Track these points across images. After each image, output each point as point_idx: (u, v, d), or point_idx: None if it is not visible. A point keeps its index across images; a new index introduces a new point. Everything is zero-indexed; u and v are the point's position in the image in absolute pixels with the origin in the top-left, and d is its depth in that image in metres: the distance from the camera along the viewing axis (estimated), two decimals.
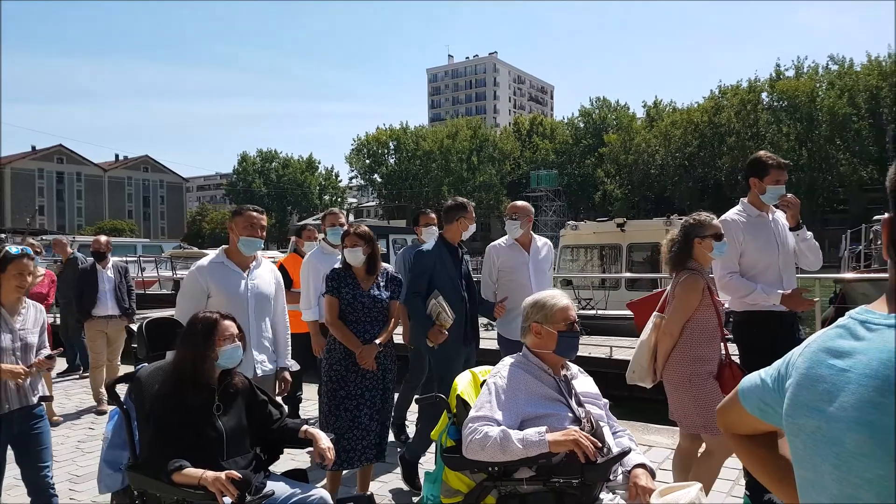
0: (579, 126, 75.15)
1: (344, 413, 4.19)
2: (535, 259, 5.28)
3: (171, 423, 2.87)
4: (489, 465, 2.71)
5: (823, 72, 58.05)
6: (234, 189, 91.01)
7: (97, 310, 7.59)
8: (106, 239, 8.03)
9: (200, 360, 2.98)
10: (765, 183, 4.28)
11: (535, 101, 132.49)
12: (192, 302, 3.92)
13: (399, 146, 76.81)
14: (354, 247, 4.27)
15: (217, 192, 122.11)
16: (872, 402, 0.97)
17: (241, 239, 4.05)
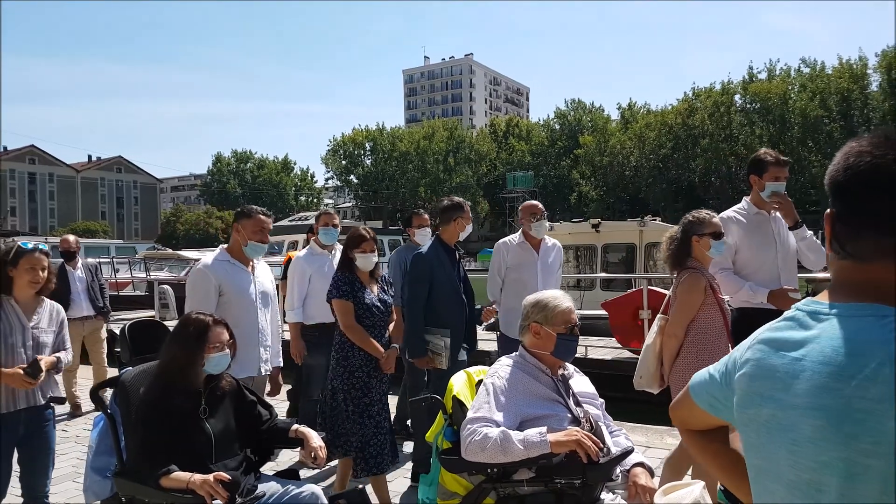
0: (555, 128, 75.52)
1: (368, 420, 4.12)
2: (543, 259, 5.24)
3: (158, 428, 2.81)
4: (488, 466, 2.67)
5: (795, 74, 58.81)
6: (208, 190, 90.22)
7: (71, 312, 7.19)
8: (75, 238, 7.82)
9: (189, 362, 2.94)
10: (764, 180, 4.30)
11: (510, 102, 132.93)
12: (204, 301, 3.87)
13: (375, 147, 76.62)
14: (372, 252, 4.22)
15: (191, 193, 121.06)
16: (826, 388, 1.01)
17: (250, 244, 4.04)
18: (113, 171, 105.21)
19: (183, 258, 24.43)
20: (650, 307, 8.35)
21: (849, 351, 1.01)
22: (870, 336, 1.01)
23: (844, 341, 1.03)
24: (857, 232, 1.08)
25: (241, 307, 3.99)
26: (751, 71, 60.82)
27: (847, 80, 53.86)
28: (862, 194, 1.06)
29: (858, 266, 1.08)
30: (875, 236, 1.05)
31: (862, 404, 0.97)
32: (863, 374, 0.98)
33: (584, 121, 73.06)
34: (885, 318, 1.01)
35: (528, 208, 5.33)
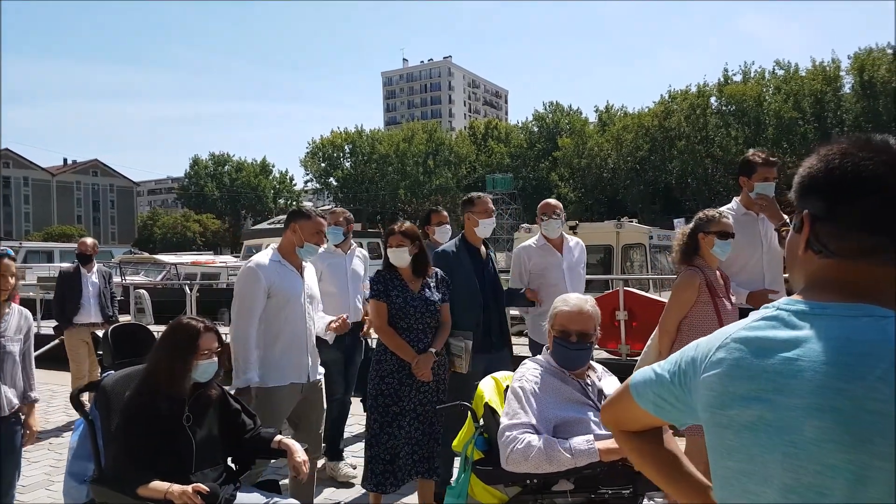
0: (533, 130, 75.71)
1: (398, 431, 3.85)
2: (568, 260, 5.04)
3: (138, 434, 2.74)
4: (528, 477, 2.56)
5: (770, 76, 59.39)
6: (185, 193, 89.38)
7: (80, 317, 7.12)
8: (93, 241, 7.57)
9: (178, 369, 2.86)
10: (753, 181, 4.37)
11: (489, 105, 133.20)
12: (252, 302, 3.72)
13: (354, 149, 76.36)
14: (400, 246, 3.94)
15: (168, 196, 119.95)
16: (835, 389, 0.99)
17: (307, 245, 3.87)
18: (89, 175, 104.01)
19: (159, 262, 24.24)
20: (626, 308, 8.47)
21: (855, 351, 1.00)
22: (874, 337, 1.00)
23: (847, 341, 1.01)
24: (841, 232, 1.08)
25: (289, 311, 3.83)
26: (726, 73, 61.34)
27: (820, 82, 54.52)
28: (848, 195, 1.07)
29: (843, 265, 1.09)
30: (859, 236, 1.07)
31: (875, 406, 0.95)
32: (874, 374, 0.96)
33: (563, 123, 73.31)
34: (885, 318, 1.02)
35: (541, 207, 5.15)
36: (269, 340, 3.80)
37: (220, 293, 18.11)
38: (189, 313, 12.70)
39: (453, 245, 4.66)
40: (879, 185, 1.05)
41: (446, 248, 4.64)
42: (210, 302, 16.33)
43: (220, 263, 23.87)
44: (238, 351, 3.72)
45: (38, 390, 3.91)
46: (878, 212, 1.05)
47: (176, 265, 22.28)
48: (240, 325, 3.73)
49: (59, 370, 9.69)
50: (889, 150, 1.07)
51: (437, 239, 5.61)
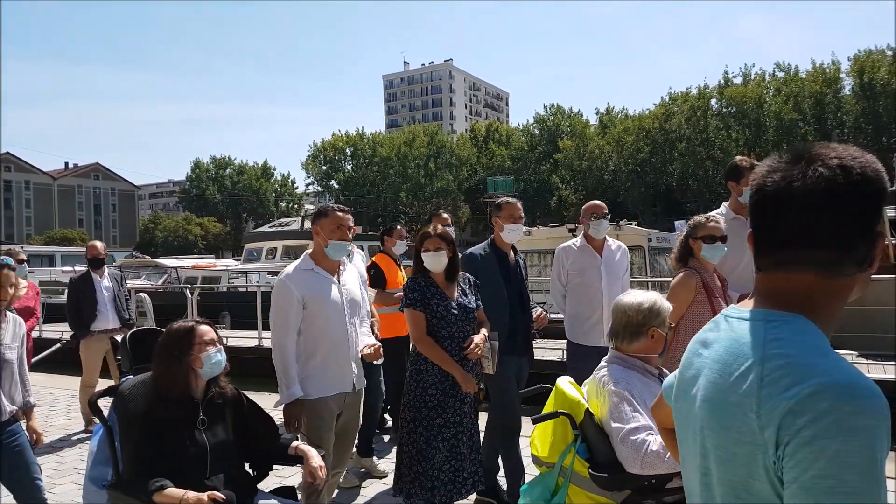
0: (534, 133, 75.75)
1: (442, 444, 3.68)
2: (607, 262, 5.01)
3: (152, 439, 2.71)
4: (645, 478, 2.57)
5: (770, 78, 59.49)
6: (187, 196, 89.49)
7: (97, 324, 6.83)
8: (102, 245, 7.30)
9: (179, 369, 2.81)
10: (741, 185, 4.44)
11: (490, 107, 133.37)
12: (288, 315, 3.61)
13: (356, 152, 76.44)
14: (438, 250, 3.76)
15: (170, 200, 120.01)
16: (714, 383, 1.14)
17: (331, 243, 3.71)
18: (90, 178, 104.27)
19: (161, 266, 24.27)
20: None
21: (734, 350, 1.12)
22: (753, 338, 1.10)
23: (733, 342, 1.13)
24: (759, 247, 1.17)
25: (326, 319, 3.70)
26: (726, 75, 61.47)
27: (820, 83, 54.61)
28: (766, 211, 1.14)
29: (765, 277, 1.17)
30: (771, 251, 1.14)
31: (733, 398, 1.08)
32: (739, 371, 1.08)
33: (563, 126, 73.35)
34: (770, 322, 1.10)
35: (588, 208, 5.12)
36: (309, 351, 3.70)
37: (221, 297, 18.18)
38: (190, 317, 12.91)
39: (482, 248, 4.61)
40: (782, 201, 1.09)
41: (475, 252, 4.59)
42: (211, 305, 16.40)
43: (221, 267, 23.92)
44: (279, 366, 3.64)
45: (40, 394, 3.94)
46: (784, 228, 1.10)
47: (177, 269, 22.32)
48: (277, 340, 3.65)
49: (61, 374, 9.74)
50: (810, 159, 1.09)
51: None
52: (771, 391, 1.02)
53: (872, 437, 0.94)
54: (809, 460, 0.95)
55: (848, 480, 0.93)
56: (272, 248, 23.04)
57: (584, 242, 5.08)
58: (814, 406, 0.96)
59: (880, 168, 1.10)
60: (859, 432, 0.94)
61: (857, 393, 0.97)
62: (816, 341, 1.06)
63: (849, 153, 1.09)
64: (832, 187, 1.06)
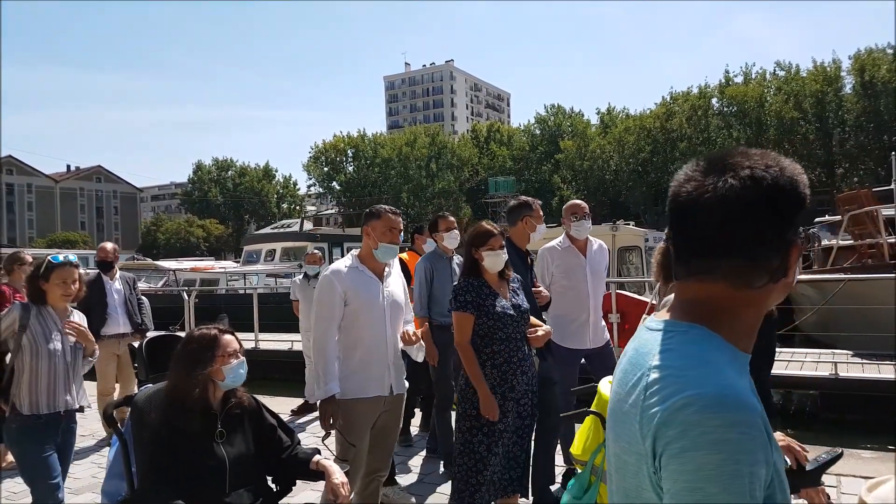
0: (535, 133, 75.71)
1: (500, 449, 3.63)
2: (592, 263, 4.97)
3: (167, 453, 2.59)
4: None
5: (771, 77, 59.34)
6: (189, 199, 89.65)
7: (107, 328, 6.63)
8: (113, 247, 7.14)
9: (199, 381, 2.69)
10: None
11: (491, 108, 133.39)
12: (329, 309, 3.61)
13: (357, 154, 76.48)
14: (502, 248, 3.70)
15: (172, 202, 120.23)
16: (616, 393, 1.16)
17: (381, 246, 3.69)
18: (92, 181, 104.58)
19: (160, 268, 24.30)
20: (619, 311, 8.53)
21: (633, 361, 1.13)
22: (649, 348, 1.10)
23: (636, 352, 1.14)
24: (676, 256, 1.16)
25: (367, 319, 3.68)
26: (727, 75, 61.30)
27: (821, 82, 54.42)
28: (680, 220, 1.13)
29: (680, 286, 1.17)
30: (686, 259, 1.14)
31: (626, 408, 1.09)
32: (632, 381, 1.09)
33: (564, 126, 73.31)
34: (668, 332, 1.11)
35: (569, 208, 5.05)
36: (347, 349, 3.69)
37: (220, 299, 18.18)
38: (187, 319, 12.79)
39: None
40: (694, 212, 1.09)
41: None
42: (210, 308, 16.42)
43: (220, 269, 23.92)
44: (318, 360, 3.63)
45: None
46: (694, 237, 1.11)
47: (175, 272, 22.34)
48: (318, 333, 3.66)
49: None
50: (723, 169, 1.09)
51: (447, 246, 5.58)
52: (650, 402, 1.02)
53: (738, 450, 0.94)
54: (678, 472, 0.96)
55: (713, 493, 0.93)
56: (271, 250, 23.05)
57: (569, 243, 5.01)
58: (683, 418, 0.97)
59: (796, 177, 1.09)
60: (725, 445, 0.94)
61: (724, 405, 0.96)
62: (704, 352, 1.06)
63: (764, 162, 1.08)
64: (741, 198, 1.05)
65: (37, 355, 3.70)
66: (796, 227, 1.09)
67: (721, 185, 1.06)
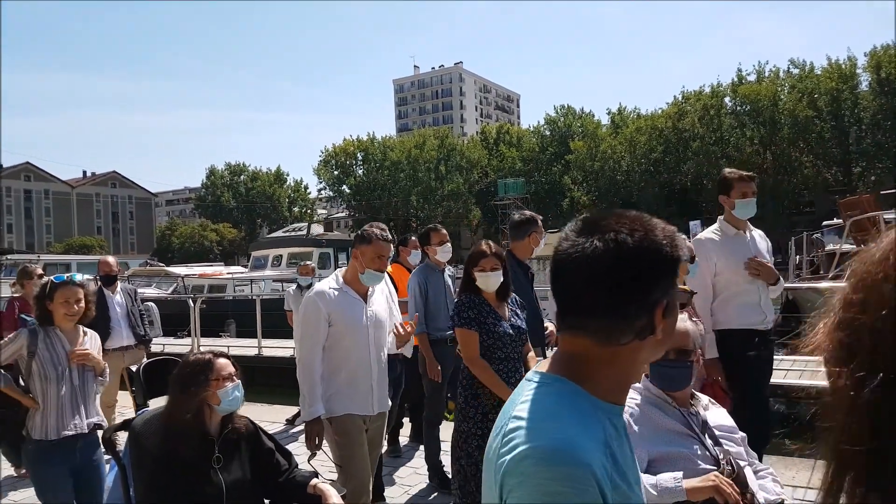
0: (545, 134, 75.49)
1: None
2: None
3: (164, 479, 2.59)
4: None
5: (784, 76, 58.80)
6: (202, 203, 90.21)
7: (111, 342, 6.52)
8: (115, 260, 7.17)
9: (195, 406, 2.69)
10: (732, 198, 4.31)
11: (501, 109, 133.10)
12: (314, 330, 3.64)
13: (367, 157, 76.62)
14: (494, 270, 3.73)
15: (186, 207, 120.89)
16: (489, 442, 1.19)
17: (367, 272, 3.71)
18: (108, 186, 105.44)
19: (171, 274, 24.40)
20: None
21: (504, 409, 1.19)
22: (517, 398, 1.17)
23: (510, 401, 1.21)
24: (557, 307, 1.22)
25: (351, 339, 3.72)
26: (740, 73, 60.77)
27: (836, 80, 53.85)
28: (555, 278, 1.20)
29: (559, 337, 1.23)
30: (558, 313, 1.21)
31: (490, 456, 1.15)
32: (497, 429, 1.16)
33: (575, 126, 73.04)
34: (537, 384, 1.17)
35: None
36: (332, 369, 3.71)
37: (227, 305, 18.20)
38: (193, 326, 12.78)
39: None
40: (564, 270, 1.17)
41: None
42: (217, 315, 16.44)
43: (227, 275, 23.99)
44: (303, 381, 3.64)
45: None
46: (566, 295, 1.18)
47: (183, 277, 22.41)
48: (303, 353, 3.69)
49: None
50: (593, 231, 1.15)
51: (439, 259, 5.54)
52: (503, 451, 1.07)
53: (566, 503, 0.98)
54: None
55: None
56: (277, 256, 23.07)
57: None
58: (522, 469, 1.02)
59: (663, 241, 1.14)
60: (555, 497, 0.98)
61: (557, 460, 1.01)
62: (558, 405, 1.10)
63: (631, 226, 1.13)
64: (603, 260, 1.11)
65: (45, 380, 3.71)
66: (663, 287, 1.13)
67: (588, 246, 1.12)
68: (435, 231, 5.65)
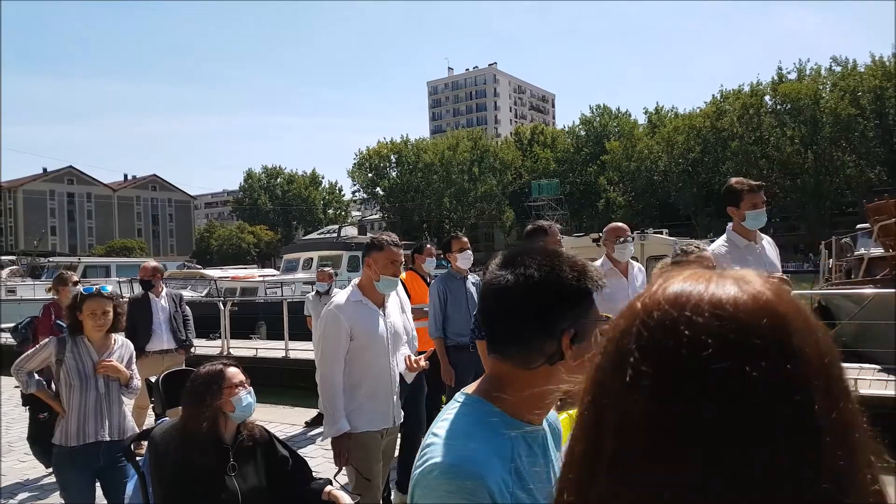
0: (580, 134, 75.05)
1: None
2: (633, 285, 4.91)
3: (182, 487, 2.65)
4: None
5: (826, 73, 57.64)
6: (240, 206, 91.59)
7: (151, 344, 6.67)
8: (154, 264, 7.23)
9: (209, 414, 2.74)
10: (742, 210, 4.23)
11: (536, 109, 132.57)
12: (336, 346, 3.61)
13: (400, 159, 76.96)
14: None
15: (224, 209, 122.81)
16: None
17: (382, 279, 3.70)
18: (148, 190, 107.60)
19: (206, 277, 24.70)
20: None
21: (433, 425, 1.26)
22: (440, 415, 1.27)
23: (436, 419, 1.28)
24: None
25: (371, 352, 3.70)
26: (780, 71, 59.74)
27: (880, 77, 52.59)
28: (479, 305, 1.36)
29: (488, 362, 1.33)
30: (486, 338, 1.32)
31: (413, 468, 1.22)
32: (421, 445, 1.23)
33: (610, 126, 72.49)
34: (460, 403, 1.26)
35: (613, 230, 5.00)
36: (354, 384, 3.69)
37: (258, 307, 18.36)
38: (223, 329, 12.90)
39: None
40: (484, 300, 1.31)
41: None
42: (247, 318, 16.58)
43: (259, 278, 24.18)
44: (325, 397, 3.65)
45: None
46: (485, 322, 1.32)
47: (216, 280, 22.66)
48: (324, 370, 3.66)
49: None
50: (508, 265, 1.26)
51: (460, 266, 5.58)
52: (418, 464, 1.17)
53: None
54: None
55: None
56: (308, 259, 23.15)
57: (610, 265, 4.89)
58: (427, 482, 1.12)
59: (570, 275, 1.24)
60: None
61: (456, 474, 1.10)
62: (470, 424, 1.20)
63: (541, 262, 1.24)
64: (513, 292, 1.23)
65: (70, 388, 3.78)
66: (571, 317, 1.23)
67: (503, 279, 1.25)
68: (456, 239, 5.69)
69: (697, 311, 0.60)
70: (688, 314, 0.60)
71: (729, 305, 0.60)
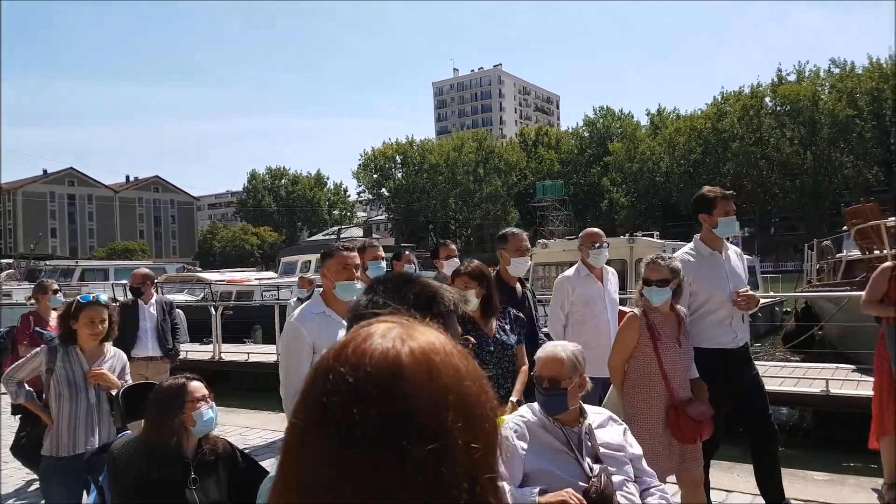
0: (584, 135, 75.09)
1: None
2: (608, 289, 4.96)
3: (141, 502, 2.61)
4: None
5: (825, 75, 57.71)
6: (244, 207, 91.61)
7: (136, 350, 6.63)
8: (145, 272, 7.23)
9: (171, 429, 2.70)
10: (715, 217, 4.29)
11: (541, 111, 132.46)
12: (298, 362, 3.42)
13: (406, 160, 77.03)
14: (466, 289, 3.64)
15: (228, 210, 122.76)
16: None
17: (338, 284, 3.53)
18: (150, 191, 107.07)
19: (202, 280, 24.65)
20: None
21: None
22: None
23: None
24: None
25: None
26: (780, 73, 59.86)
27: (877, 79, 52.67)
28: None
29: None
30: None
31: None
32: None
33: (613, 128, 72.54)
34: None
35: (588, 236, 5.01)
36: None
37: (253, 311, 18.37)
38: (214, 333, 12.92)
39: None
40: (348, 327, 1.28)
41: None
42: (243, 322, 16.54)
43: (255, 281, 24.12)
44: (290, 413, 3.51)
45: None
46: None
47: (211, 284, 22.56)
48: (288, 387, 3.47)
49: None
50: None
51: (446, 272, 5.57)
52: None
53: None
54: None
55: None
56: (306, 262, 23.08)
57: (587, 271, 4.97)
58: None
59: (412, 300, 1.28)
60: None
61: None
62: None
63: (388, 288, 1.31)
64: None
65: (59, 398, 3.75)
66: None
67: (359, 304, 1.33)
68: (444, 246, 5.78)
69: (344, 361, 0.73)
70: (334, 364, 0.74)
71: (366, 359, 0.72)
